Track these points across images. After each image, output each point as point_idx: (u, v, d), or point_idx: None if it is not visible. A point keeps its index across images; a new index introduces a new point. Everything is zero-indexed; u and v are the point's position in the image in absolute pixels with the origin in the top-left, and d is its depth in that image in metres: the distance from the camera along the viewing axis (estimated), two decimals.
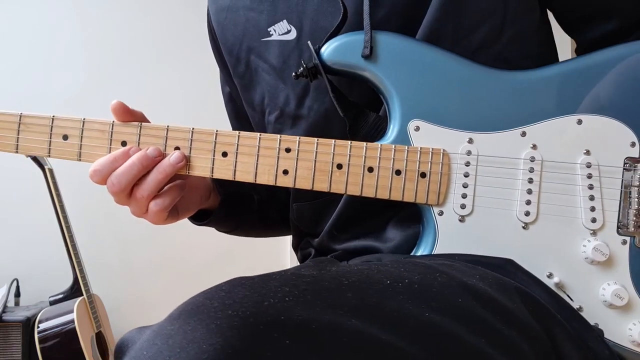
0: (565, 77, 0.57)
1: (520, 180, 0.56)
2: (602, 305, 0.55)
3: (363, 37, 0.58)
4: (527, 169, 0.56)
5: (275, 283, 0.39)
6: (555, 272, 0.56)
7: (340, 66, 0.59)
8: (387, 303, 0.39)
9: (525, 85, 0.57)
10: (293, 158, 0.58)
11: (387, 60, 0.58)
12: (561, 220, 0.56)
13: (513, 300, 0.47)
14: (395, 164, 0.57)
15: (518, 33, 0.60)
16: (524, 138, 0.56)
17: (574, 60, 0.58)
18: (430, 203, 0.57)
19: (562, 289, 0.55)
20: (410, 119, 0.58)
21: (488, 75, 0.58)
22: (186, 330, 0.33)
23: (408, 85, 0.58)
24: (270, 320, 0.33)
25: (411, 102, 0.58)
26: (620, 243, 0.56)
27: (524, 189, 0.56)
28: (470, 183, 0.57)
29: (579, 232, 0.56)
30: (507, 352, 0.41)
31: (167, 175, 0.58)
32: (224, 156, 0.58)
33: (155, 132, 0.59)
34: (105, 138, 0.59)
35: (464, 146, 0.57)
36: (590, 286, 0.55)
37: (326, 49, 0.59)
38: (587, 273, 0.56)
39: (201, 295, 0.38)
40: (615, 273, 0.55)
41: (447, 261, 0.52)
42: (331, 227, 0.66)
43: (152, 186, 0.58)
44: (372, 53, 0.57)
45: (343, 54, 0.59)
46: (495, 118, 0.57)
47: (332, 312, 0.36)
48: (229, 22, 0.71)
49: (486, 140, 0.57)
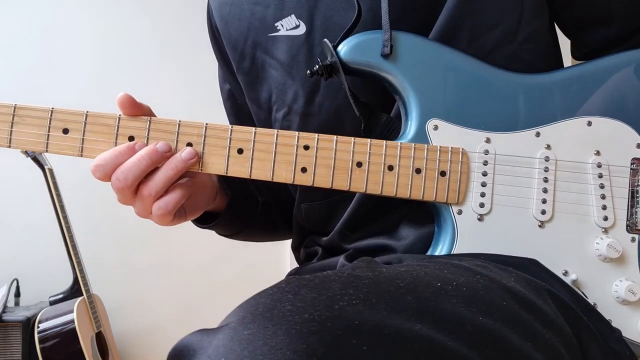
0: (576, 80, 0.59)
1: (536, 179, 0.57)
2: (615, 301, 0.57)
3: (381, 36, 0.58)
4: (543, 169, 0.57)
5: (337, 285, 0.38)
6: (570, 270, 0.57)
7: (358, 65, 0.59)
8: (444, 307, 0.39)
9: (538, 87, 0.59)
10: (312, 156, 0.56)
11: (406, 60, 0.58)
12: (575, 218, 0.57)
13: (547, 303, 0.48)
14: (415, 163, 0.56)
15: (532, 33, 0.61)
16: (539, 138, 0.58)
17: (584, 64, 0.60)
18: (450, 202, 0.57)
19: (577, 286, 0.56)
20: (429, 118, 0.58)
21: (503, 77, 0.59)
22: (265, 335, 0.32)
23: (427, 85, 0.58)
24: (346, 325, 0.33)
25: (429, 102, 0.58)
26: (630, 241, 0.57)
27: (540, 188, 0.57)
28: (488, 182, 0.57)
29: (592, 230, 0.57)
30: (550, 356, 0.42)
31: (177, 172, 0.55)
32: (240, 153, 0.56)
33: (166, 127, 0.56)
34: (110, 133, 0.55)
35: (482, 145, 0.57)
36: (603, 283, 0.57)
37: (343, 47, 0.59)
38: (600, 270, 0.57)
39: (265, 297, 0.37)
40: (626, 270, 0.57)
41: (479, 261, 0.51)
42: (342, 226, 0.65)
43: (160, 183, 0.54)
44: (392, 52, 0.57)
45: (362, 53, 0.58)
46: (511, 119, 0.58)
47: (398, 317, 0.36)
48: (233, 17, 0.69)
49: (503, 139, 0.58)
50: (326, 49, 0.59)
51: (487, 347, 0.38)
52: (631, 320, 0.56)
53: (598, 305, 0.56)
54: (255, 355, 0.30)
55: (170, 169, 0.54)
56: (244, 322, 0.34)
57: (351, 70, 0.59)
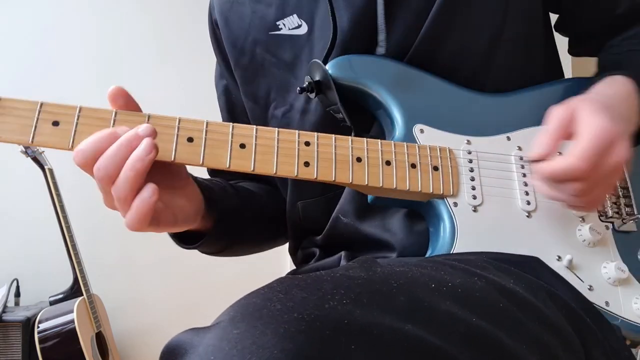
0: (533, 97, 0.68)
1: (515, 173, 0.62)
2: (608, 283, 0.59)
3: (368, 58, 0.64)
4: (520, 165, 0.63)
5: (329, 285, 0.38)
6: (562, 256, 0.59)
7: (346, 82, 0.64)
8: (437, 307, 0.40)
9: (502, 103, 0.67)
10: (313, 150, 0.57)
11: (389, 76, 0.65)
12: (555, 208, 0.61)
13: (547, 304, 0.49)
14: (409, 158, 0.59)
15: (519, 35, 0.66)
16: (510, 142, 0.64)
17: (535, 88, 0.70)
18: (446, 194, 0.59)
19: (572, 268, 0.59)
20: (415, 123, 0.63)
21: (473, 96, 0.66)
22: (254, 334, 0.32)
23: (410, 97, 0.64)
24: (335, 324, 0.34)
25: (414, 110, 0.63)
26: (604, 228, 0.62)
27: (521, 181, 0.62)
28: (476, 176, 0.61)
29: (571, 218, 0.62)
30: (546, 358, 0.43)
31: (138, 172, 0.47)
32: (242, 147, 0.56)
33: (166, 123, 0.55)
34: (106, 127, 0.53)
35: (465, 146, 0.62)
36: (593, 266, 0.60)
37: (331, 65, 0.64)
38: (588, 255, 0.60)
39: (257, 296, 0.37)
40: (608, 254, 0.61)
41: (479, 262, 0.52)
42: (337, 213, 0.64)
43: (122, 186, 0.47)
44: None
45: (350, 71, 0.64)
46: (484, 126, 0.65)
47: (389, 317, 0.36)
48: (234, 14, 0.71)
49: (481, 142, 0.63)
50: (315, 67, 0.64)
51: (479, 349, 0.38)
52: (627, 301, 0.59)
53: (594, 287, 0.58)
54: (244, 354, 0.31)
55: (129, 170, 0.47)
56: (233, 322, 0.34)
57: (338, 87, 0.64)
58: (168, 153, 0.54)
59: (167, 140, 0.54)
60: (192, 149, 0.54)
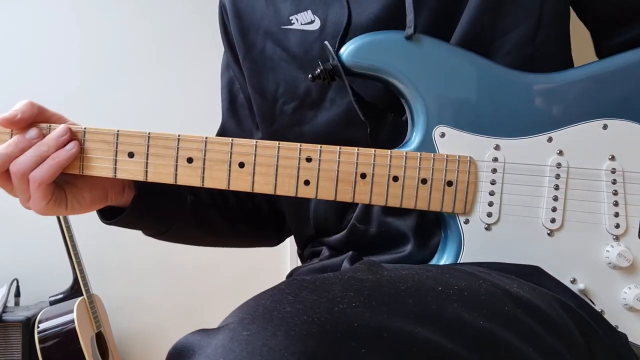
0: (591, 80, 0.56)
1: (546, 188, 0.55)
2: (623, 308, 0.56)
3: (385, 37, 0.55)
4: (554, 176, 0.55)
5: (338, 287, 0.38)
6: (579, 278, 0.56)
7: (361, 69, 0.56)
8: (445, 310, 0.40)
9: (551, 88, 0.56)
10: (314, 168, 0.55)
11: (412, 62, 0.55)
12: (585, 226, 0.56)
13: (553, 308, 0.48)
14: (421, 173, 0.55)
15: (550, 36, 0.58)
16: (550, 144, 0.55)
17: (597, 63, 0.57)
18: (457, 212, 0.56)
19: (585, 294, 0.56)
20: (436, 125, 0.56)
21: (514, 78, 0.56)
22: (265, 336, 0.32)
23: (433, 89, 0.55)
24: (346, 327, 0.33)
25: (437, 108, 0.56)
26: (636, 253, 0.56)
27: (550, 196, 0.55)
28: (497, 191, 0.55)
29: (603, 237, 0.56)
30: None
31: (49, 148, 0.53)
32: (241, 167, 0.55)
33: (165, 143, 0.55)
34: (110, 150, 0.55)
35: (491, 153, 0.55)
36: (612, 290, 0.56)
37: (346, 50, 0.56)
38: (609, 277, 0.56)
39: (265, 298, 0.37)
40: (635, 277, 0.56)
41: (481, 268, 0.51)
42: (354, 220, 0.64)
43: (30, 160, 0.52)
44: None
45: (365, 56, 0.56)
46: (522, 123, 0.56)
47: (398, 320, 0.36)
48: (247, 6, 0.68)
49: (513, 146, 0.55)
50: (327, 52, 0.56)
51: (487, 350, 0.38)
52: (638, 326, 0.56)
53: (605, 312, 0.56)
54: (254, 356, 0.31)
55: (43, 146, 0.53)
56: (243, 323, 0.34)
57: (355, 74, 0.57)
58: (170, 177, 0.55)
59: (168, 164, 0.55)
60: (192, 171, 0.55)
